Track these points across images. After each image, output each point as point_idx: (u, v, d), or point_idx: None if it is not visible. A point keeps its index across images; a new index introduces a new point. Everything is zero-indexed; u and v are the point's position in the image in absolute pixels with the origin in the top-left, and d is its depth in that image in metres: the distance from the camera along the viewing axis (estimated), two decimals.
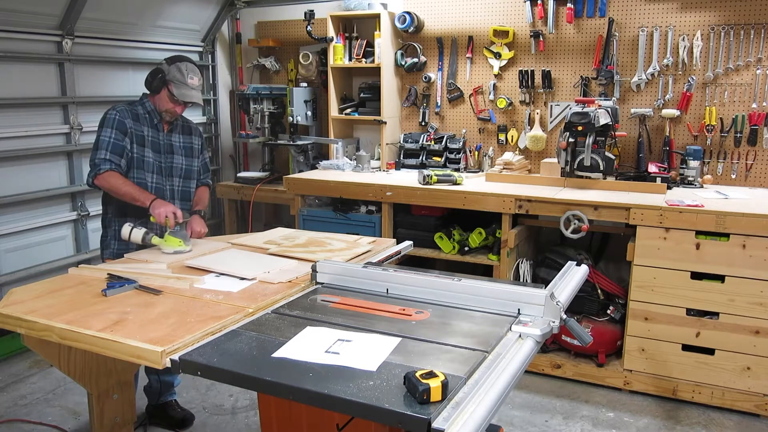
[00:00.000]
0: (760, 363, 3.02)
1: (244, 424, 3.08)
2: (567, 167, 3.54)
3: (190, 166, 2.94)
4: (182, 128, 2.95)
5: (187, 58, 2.84)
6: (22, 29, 3.58)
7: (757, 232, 2.92)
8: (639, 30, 3.74)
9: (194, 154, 2.97)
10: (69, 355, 2.13)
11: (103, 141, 2.67)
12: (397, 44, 4.36)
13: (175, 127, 2.90)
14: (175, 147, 2.89)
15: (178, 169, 2.90)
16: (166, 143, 2.86)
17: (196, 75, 2.79)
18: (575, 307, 3.45)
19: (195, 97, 2.78)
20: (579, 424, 3.07)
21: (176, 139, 2.90)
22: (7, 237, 3.68)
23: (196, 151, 2.98)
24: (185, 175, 2.93)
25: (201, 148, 3.03)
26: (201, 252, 2.58)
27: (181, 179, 2.91)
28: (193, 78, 2.77)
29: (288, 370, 1.51)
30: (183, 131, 2.94)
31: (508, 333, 1.73)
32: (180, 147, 2.91)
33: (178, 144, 2.90)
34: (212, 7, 4.71)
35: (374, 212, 3.88)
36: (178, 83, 2.72)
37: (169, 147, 2.87)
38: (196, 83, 2.78)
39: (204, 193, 3.08)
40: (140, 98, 2.84)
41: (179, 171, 2.90)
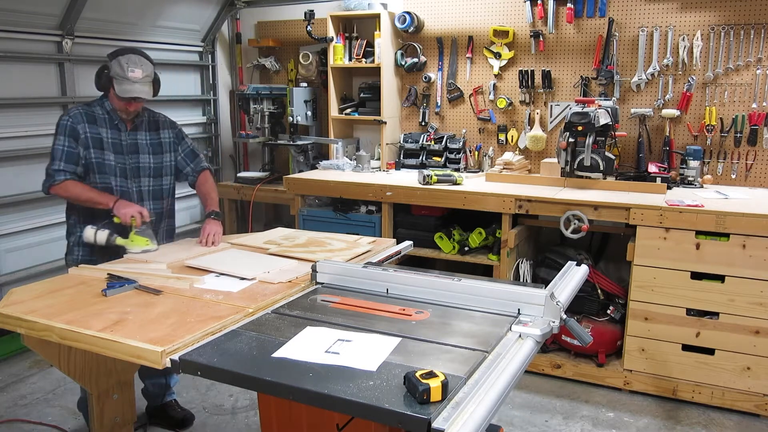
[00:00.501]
0: (760, 363, 3.02)
1: (244, 424, 3.08)
2: (567, 167, 3.54)
3: (159, 164, 2.81)
4: (148, 124, 2.81)
5: (131, 50, 2.66)
6: (22, 29, 3.58)
7: (757, 232, 2.92)
8: (639, 30, 3.74)
9: (165, 149, 2.83)
10: (69, 355, 2.13)
11: (57, 150, 2.60)
12: (397, 44, 4.36)
13: (140, 124, 2.77)
14: (140, 146, 2.75)
15: (145, 168, 2.77)
16: (130, 143, 2.73)
17: (139, 66, 2.58)
18: (575, 307, 3.44)
19: (137, 91, 2.58)
20: (579, 424, 3.07)
21: (142, 137, 2.77)
22: (7, 237, 3.68)
23: (168, 145, 2.84)
24: (155, 174, 2.80)
25: (177, 138, 2.88)
26: (201, 252, 2.58)
27: (151, 178, 2.79)
28: (135, 70, 2.56)
29: (288, 370, 1.51)
30: (149, 127, 2.80)
31: (508, 333, 1.73)
32: (146, 145, 2.77)
33: (144, 142, 2.77)
34: (212, 7, 4.71)
35: (374, 212, 3.88)
36: (119, 79, 2.56)
37: (134, 146, 2.74)
38: (139, 76, 2.57)
39: (207, 184, 2.92)
40: (99, 97, 2.73)
41: (147, 170, 2.77)
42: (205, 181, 2.95)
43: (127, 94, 2.58)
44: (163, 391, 3.05)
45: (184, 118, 4.84)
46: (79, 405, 2.94)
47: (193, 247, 2.68)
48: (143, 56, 2.66)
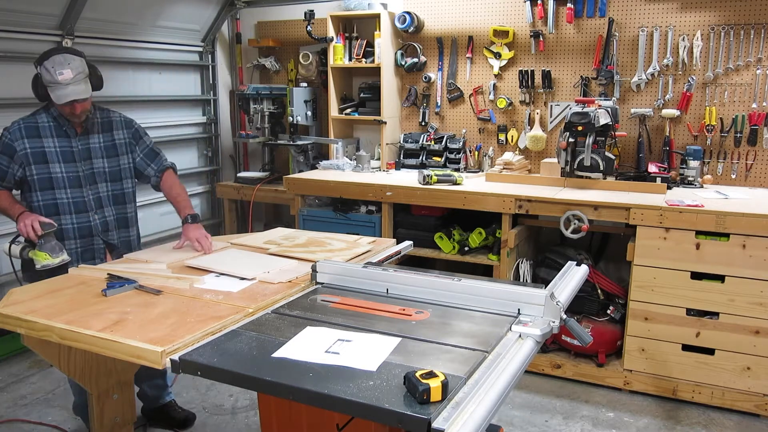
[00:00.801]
0: (760, 363, 3.02)
1: (244, 424, 3.08)
2: (567, 167, 3.54)
3: (116, 167, 2.69)
4: (101, 125, 2.66)
5: (56, 49, 2.49)
6: (22, 29, 3.58)
7: (757, 232, 2.92)
8: (639, 30, 3.74)
9: (120, 151, 2.69)
10: (69, 355, 2.13)
11: None
12: (397, 44, 4.36)
13: (92, 126, 2.63)
14: (93, 150, 2.62)
15: (101, 173, 2.65)
16: (82, 149, 2.60)
17: (66, 66, 2.40)
18: (575, 307, 3.44)
19: (71, 93, 2.41)
20: (579, 424, 3.07)
21: (95, 141, 2.64)
22: (8, 237, 3.66)
23: (123, 146, 2.70)
24: (112, 178, 2.68)
25: (133, 138, 2.73)
26: (201, 252, 2.58)
27: (108, 183, 2.68)
28: (63, 72, 2.38)
29: (288, 370, 1.51)
30: (103, 129, 2.66)
31: (508, 333, 1.73)
32: (99, 148, 2.64)
33: (98, 145, 2.64)
34: (212, 7, 4.71)
35: (374, 212, 3.88)
36: (51, 85, 2.40)
37: (86, 152, 2.61)
38: (70, 76, 2.39)
39: (174, 186, 2.75)
40: (45, 105, 2.57)
41: (103, 175, 2.65)
42: (171, 182, 2.79)
43: (63, 100, 2.42)
44: (161, 393, 3.04)
45: (184, 118, 4.84)
46: (75, 410, 2.91)
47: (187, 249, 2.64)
48: (70, 52, 2.49)
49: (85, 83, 2.48)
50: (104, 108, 2.75)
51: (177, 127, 4.75)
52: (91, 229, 2.67)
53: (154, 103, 4.49)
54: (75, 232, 2.64)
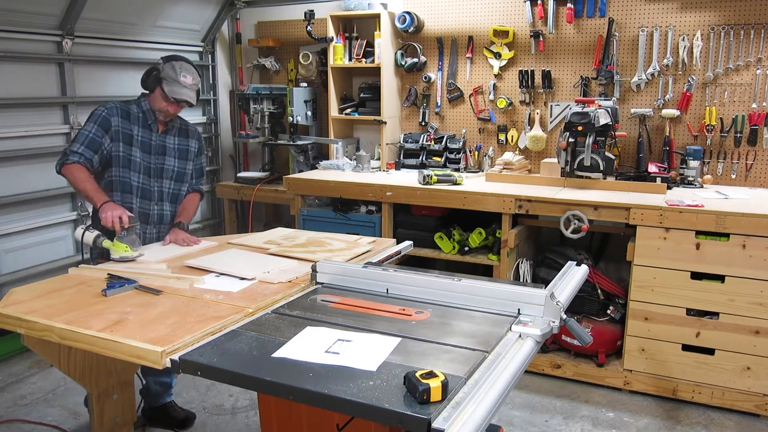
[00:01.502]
0: (760, 363, 3.02)
1: (244, 424, 3.08)
2: (567, 167, 3.54)
3: (182, 169, 2.90)
4: (179, 130, 2.90)
5: (184, 58, 2.80)
6: (22, 29, 3.58)
7: (757, 232, 2.92)
8: (639, 30, 3.74)
9: (189, 157, 2.92)
10: (69, 355, 2.13)
11: (81, 134, 2.65)
12: (397, 44, 4.36)
13: (171, 128, 2.87)
14: (168, 148, 2.85)
15: (169, 170, 2.85)
16: (159, 144, 2.82)
17: (190, 74, 2.74)
18: (575, 307, 3.44)
19: (186, 95, 2.71)
20: (579, 424, 3.07)
21: (171, 141, 2.86)
22: (7, 237, 3.68)
23: (192, 154, 2.94)
24: (176, 178, 2.89)
25: (197, 151, 2.97)
26: (201, 252, 2.58)
27: (172, 181, 2.88)
28: (187, 77, 2.71)
29: (288, 370, 1.51)
30: (179, 133, 2.90)
31: (508, 333, 1.73)
32: (174, 149, 2.87)
33: (172, 146, 2.87)
34: (212, 7, 4.71)
35: (374, 212, 3.88)
36: (170, 81, 2.68)
37: (162, 148, 2.83)
38: (189, 82, 2.72)
39: (190, 202, 2.98)
40: (138, 97, 2.82)
41: (170, 173, 2.86)
42: (191, 198, 2.98)
43: (178, 96, 2.69)
44: (166, 391, 3.05)
45: (184, 118, 4.84)
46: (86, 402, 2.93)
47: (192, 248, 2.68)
48: (193, 66, 2.79)
49: (196, 94, 2.78)
50: (182, 117, 2.96)
51: None
52: (148, 218, 2.82)
53: None
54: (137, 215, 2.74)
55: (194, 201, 3.00)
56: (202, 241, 2.76)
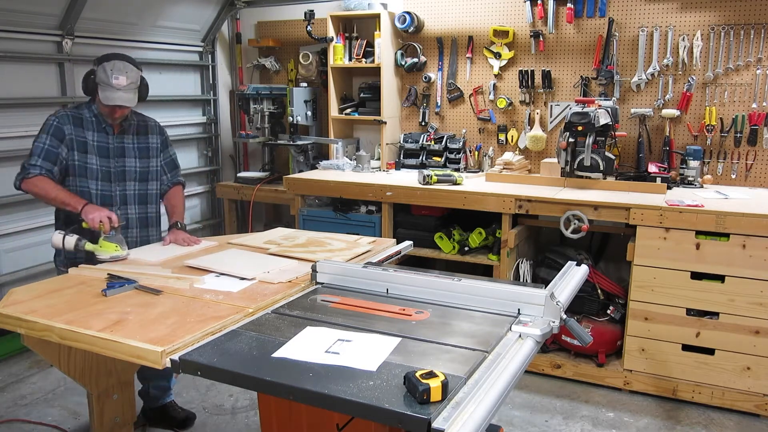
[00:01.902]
0: (760, 363, 3.02)
1: (244, 424, 3.08)
2: (567, 167, 3.54)
3: (146, 168, 2.82)
4: (137, 128, 2.81)
5: (117, 56, 2.65)
6: (22, 29, 3.58)
7: (757, 232, 2.92)
8: (639, 30, 3.74)
9: (151, 154, 2.84)
10: (69, 355, 2.13)
11: (37, 147, 2.61)
12: (397, 44, 4.36)
13: (128, 128, 2.78)
14: (127, 149, 2.77)
15: (131, 172, 2.78)
16: (117, 146, 2.74)
17: (124, 74, 2.57)
18: (575, 307, 3.44)
19: (119, 99, 2.58)
20: (579, 424, 3.07)
21: (129, 141, 2.78)
22: (7, 237, 3.68)
23: (154, 150, 2.85)
24: (140, 178, 2.81)
25: (162, 145, 2.89)
26: (201, 252, 2.58)
27: (136, 182, 2.81)
28: (119, 77, 2.55)
29: (288, 370, 1.51)
30: (138, 131, 2.81)
31: (508, 333, 1.73)
32: (133, 149, 2.79)
33: (132, 146, 2.78)
34: (212, 7, 4.71)
35: (374, 212, 3.88)
36: (103, 85, 2.57)
37: (120, 150, 2.75)
38: (123, 83, 2.56)
39: (176, 197, 2.92)
40: (89, 101, 2.73)
41: (133, 174, 2.79)
42: (175, 194, 2.94)
43: (110, 102, 2.58)
44: (165, 393, 3.05)
45: (184, 118, 4.85)
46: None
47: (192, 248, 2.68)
48: (130, 62, 2.64)
49: (133, 93, 2.64)
50: (140, 113, 2.89)
51: (177, 127, 4.75)
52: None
53: (154, 103, 4.48)
54: None
55: (179, 195, 2.94)
56: (203, 241, 2.76)
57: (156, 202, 2.91)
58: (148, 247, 2.72)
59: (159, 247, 2.69)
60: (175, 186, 2.95)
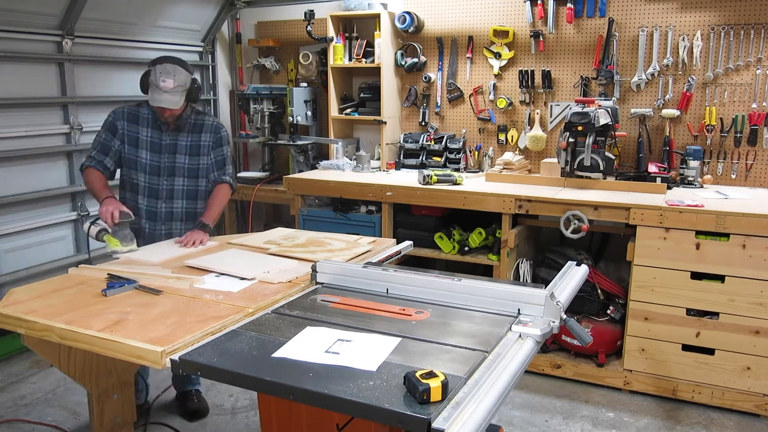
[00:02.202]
0: (760, 363, 3.02)
1: (244, 424, 3.08)
2: (567, 167, 3.54)
3: (195, 165, 2.93)
4: (193, 126, 2.93)
5: (167, 59, 2.77)
6: (22, 29, 3.58)
7: (757, 232, 2.92)
8: (639, 30, 3.74)
9: (201, 152, 2.94)
10: (69, 355, 2.13)
11: (95, 140, 2.87)
12: (397, 44, 4.36)
13: (183, 126, 2.89)
14: (179, 147, 2.89)
15: (180, 168, 2.91)
16: (169, 143, 2.88)
17: (170, 77, 2.70)
18: (575, 307, 3.44)
19: (165, 101, 2.70)
20: (579, 424, 3.07)
21: (182, 139, 2.90)
22: (7, 237, 3.68)
23: (205, 148, 2.94)
24: (189, 174, 2.93)
25: (213, 144, 2.96)
26: (201, 252, 2.58)
27: (185, 178, 2.92)
28: (166, 80, 2.68)
29: (288, 370, 1.51)
30: (193, 130, 2.93)
31: (508, 333, 1.73)
32: (185, 146, 2.90)
33: (184, 143, 2.90)
34: (212, 7, 4.71)
35: (374, 212, 3.88)
36: (153, 86, 2.70)
37: (173, 147, 2.89)
38: (170, 86, 2.68)
39: (215, 196, 2.96)
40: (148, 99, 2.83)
41: (182, 170, 2.91)
42: (216, 193, 2.97)
43: (155, 103, 2.71)
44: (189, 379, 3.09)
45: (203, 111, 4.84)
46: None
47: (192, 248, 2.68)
48: (180, 65, 2.76)
49: (180, 96, 2.75)
50: (203, 112, 3.03)
51: None
52: (155, 215, 2.91)
53: None
54: (145, 213, 2.91)
55: (218, 194, 2.97)
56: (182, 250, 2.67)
57: (204, 198, 2.98)
58: (152, 246, 2.73)
59: (164, 246, 2.70)
60: (219, 185, 2.98)
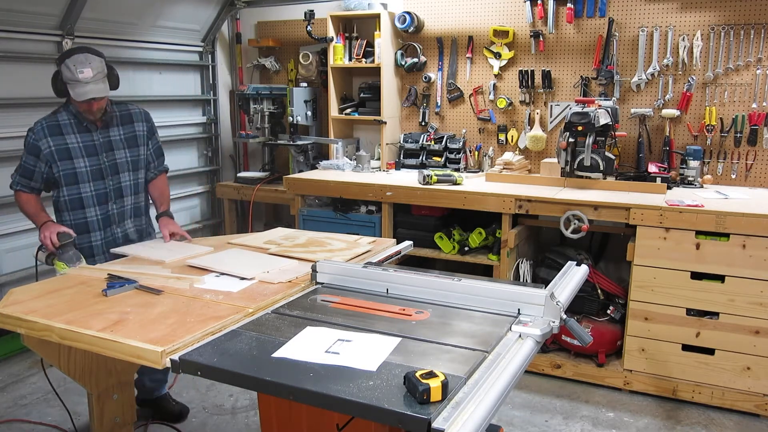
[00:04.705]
0: (760, 363, 3.02)
1: (244, 424, 3.08)
2: (567, 167, 3.54)
3: (136, 157, 2.79)
4: (121, 118, 2.76)
5: (78, 49, 2.55)
6: (22, 29, 3.58)
7: (757, 232, 2.92)
8: (639, 30, 3.74)
9: (139, 142, 2.79)
10: (69, 355, 2.13)
11: (19, 163, 2.68)
12: (397, 44, 4.36)
13: (111, 119, 2.72)
14: (114, 142, 2.72)
15: (123, 164, 2.75)
16: (104, 141, 2.70)
17: (88, 65, 2.47)
18: (575, 307, 3.44)
19: (91, 92, 2.49)
20: (579, 424, 3.07)
21: (115, 133, 2.73)
22: (7, 237, 3.68)
23: (142, 137, 2.80)
24: (132, 168, 2.79)
25: (148, 132, 2.83)
26: (201, 252, 2.58)
27: (129, 172, 2.78)
28: (84, 70, 2.46)
29: (288, 370, 1.51)
30: (122, 121, 2.76)
31: (508, 333, 1.73)
32: (121, 140, 2.74)
33: (118, 137, 2.74)
34: (212, 7, 4.71)
35: (374, 212, 3.88)
36: (71, 83, 2.48)
37: (108, 144, 2.71)
38: (90, 75, 2.46)
39: (162, 185, 2.90)
40: (65, 102, 2.67)
41: (125, 165, 2.76)
42: (162, 181, 2.95)
43: (82, 97, 2.51)
44: (160, 386, 3.07)
45: (184, 118, 4.85)
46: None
47: (190, 246, 2.68)
48: (91, 52, 2.55)
49: (103, 82, 2.55)
50: (121, 102, 2.84)
51: (177, 127, 4.75)
52: (109, 219, 2.77)
53: (154, 103, 4.48)
54: (99, 223, 2.74)
55: (165, 182, 2.95)
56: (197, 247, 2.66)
57: (145, 190, 2.91)
58: (150, 243, 2.72)
59: (162, 243, 2.70)
60: (159, 175, 2.95)
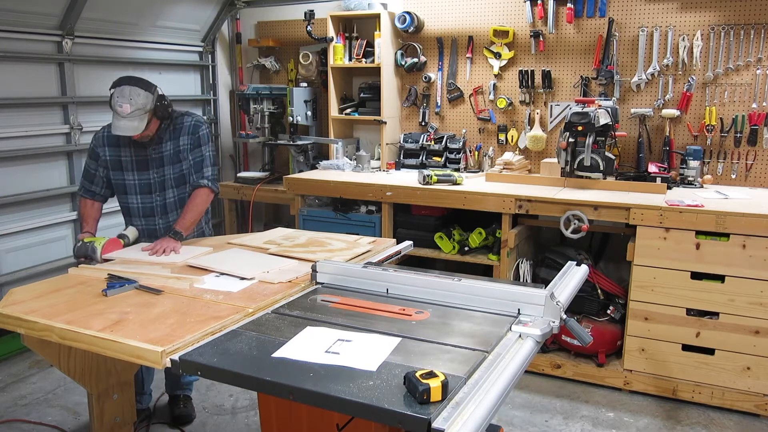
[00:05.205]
0: (760, 363, 3.02)
1: (244, 424, 3.08)
2: (567, 167, 3.54)
3: (179, 173, 2.80)
4: (172, 133, 2.77)
5: (125, 80, 2.57)
6: (22, 29, 3.58)
7: (757, 232, 2.92)
8: (639, 30, 3.74)
9: (182, 156, 2.78)
10: (69, 355, 2.13)
11: (84, 168, 2.84)
12: (397, 44, 4.36)
13: (164, 135, 2.75)
14: (165, 158, 2.76)
15: (169, 180, 2.78)
16: (155, 157, 2.74)
17: (128, 100, 2.49)
18: (575, 307, 3.44)
19: (120, 128, 2.51)
20: (579, 424, 3.07)
21: (167, 148, 2.75)
22: (7, 237, 3.67)
23: (185, 152, 2.77)
24: (177, 183, 2.80)
25: (191, 145, 2.77)
26: (201, 252, 2.58)
27: (175, 188, 2.81)
28: (123, 105, 2.49)
29: (288, 370, 1.51)
30: (173, 136, 2.76)
31: (508, 333, 1.73)
32: (169, 156, 2.76)
33: (168, 153, 2.76)
34: (212, 7, 4.71)
35: (374, 212, 3.88)
36: (113, 113, 2.52)
37: (159, 160, 2.75)
38: (127, 111, 2.49)
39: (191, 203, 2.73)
40: None
41: (170, 182, 2.79)
42: (192, 199, 2.76)
43: (114, 131, 2.55)
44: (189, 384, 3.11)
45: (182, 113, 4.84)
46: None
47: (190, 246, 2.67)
48: (140, 86, 2.55)
49: (139, 120, 2.54)
50: (184, 113, 2.85)
51: None
52: (156, 233, 2.82)
53: None
54: (145, 233, 2.82)
55: (194, 200, 2.74)
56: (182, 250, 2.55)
57: None
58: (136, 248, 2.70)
59: None
60: (196, 189, 2.77)
